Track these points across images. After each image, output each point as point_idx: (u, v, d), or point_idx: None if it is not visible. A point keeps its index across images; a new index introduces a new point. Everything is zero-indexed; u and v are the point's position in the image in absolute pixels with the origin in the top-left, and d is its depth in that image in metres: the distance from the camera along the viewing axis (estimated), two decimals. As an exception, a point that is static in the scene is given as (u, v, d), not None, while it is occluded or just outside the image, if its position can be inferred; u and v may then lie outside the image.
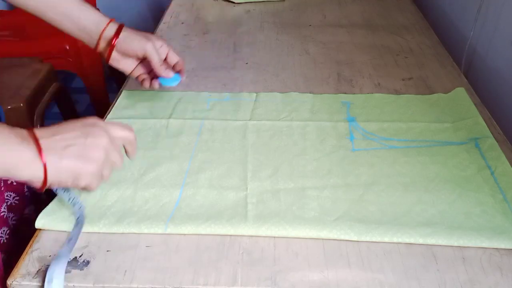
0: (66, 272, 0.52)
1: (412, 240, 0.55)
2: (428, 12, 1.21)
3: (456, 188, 0.62)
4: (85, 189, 0.53)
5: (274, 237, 0.57)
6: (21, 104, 1.16)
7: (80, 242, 0.56)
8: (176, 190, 0.63)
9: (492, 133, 0.73)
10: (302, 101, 0.82)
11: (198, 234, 0.57)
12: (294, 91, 0.86)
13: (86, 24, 0.72)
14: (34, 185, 0.50)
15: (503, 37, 0.86)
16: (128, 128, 0.57)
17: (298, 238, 0.57)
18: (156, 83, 0.76)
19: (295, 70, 0.94)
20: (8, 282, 0.52)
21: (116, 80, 2.00)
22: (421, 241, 0.55)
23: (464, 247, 0.55)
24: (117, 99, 0.85)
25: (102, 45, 0.73)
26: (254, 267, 0.53)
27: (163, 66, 0.75)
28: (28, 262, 0.54)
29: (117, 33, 0.72)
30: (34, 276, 0.52)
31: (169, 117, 0.78)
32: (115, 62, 0.75)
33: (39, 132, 0.50)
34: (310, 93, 0.85)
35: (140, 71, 0.77)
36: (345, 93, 0.84)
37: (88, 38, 0.73)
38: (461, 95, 0.81)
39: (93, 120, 0.54)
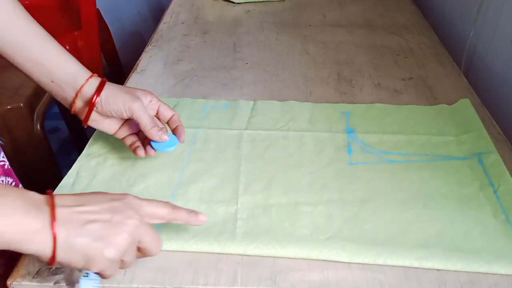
0: (66, 272, 0.52)
1: (407, 263, 0.52)
2: (428, 12, 1.21)
3: (456, 206, 0.60)
4: (98, 274, 0.46)
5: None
6: (21, 104, 1.16)
7: (80, 242, 0.56)
8: None
9: (492, 133, 0.73)
10: (301, 110, 0.79)
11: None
12: (294, 91, 0.86)
13: (61, 76, 0.60)
14: (41, 260, 0.43)
15: (503, 37, 0.86)
16: (167, 206, 0.50)
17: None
18: (151, 151, 0.64)
19: (295, 70, 0.94)
20: (8, 282, 0.52)
21: (116, 80, 2.00)
22: (416, 264, 0.52)
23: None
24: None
25: (79, 104, 0.62)
26: (254, 267, 0.53)
27: (155, 128, 0.62)
28: (28, 262, 0.54)
29: (98, 91, 0.60)
30: (34, 276, 0.52)
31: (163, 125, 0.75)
32: (93, 123, 0.64)
33: (59, 199, 0.44)
34: (309, 92, 0.85)
35: (126, 132, 0.66)
36: (345, 103, 0.82)
37: (61, 94, 0.61)
38: (466, 107, 0.78)
39: (125, 196, 0.47)
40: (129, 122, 0.66)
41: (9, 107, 1.14)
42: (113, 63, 1.96)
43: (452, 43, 1.05)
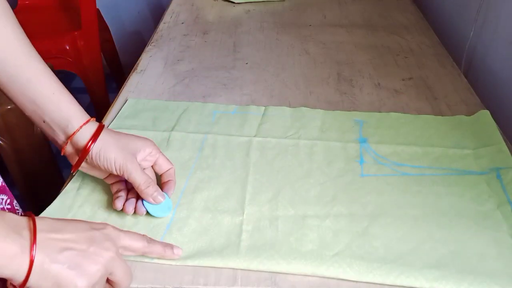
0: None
1: (417, 284, 0.50)
2: (428, 12, 1.21)
3: (471, 225, 0.56)
4: None
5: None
6: (21, 104, 1.16)
7: (80, 242, 0.56)
8: None
9: (492, 133, 0.73)
10: (312, 117, 0.76)
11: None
12: (294, 91, 0.86)
13: (54, 118, 0.56)
14: (13, 282, 0.42)
15: (503, 37, 0.86)
16: (143, 240, 0.50)
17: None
18: (141, 209, 0.58)
19: (295, 70, 0.94)
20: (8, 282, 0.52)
21: (116, 80, 2.00)
22: (427, 286, 0.49)
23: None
24: (116, 101, 0.84)
25: (69, 149, 0.58)
26: (254, 267, 0.53)
27: (150, 188, 0.57)
28: (28, 262, 0.54)
29: (91, 142, 0.56)
30: (34, 276, 0.52)
31: (172, 130, 0.74)
32: (83, 169, 0.60)
33: (39, 223, 0.43)
34: (309, 92, 0.85)
35: (115, 178, 0.61)
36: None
37: (52, 136, 0.57)
38: (485, 119, 0.74)
39: (104, 226, 0.47)
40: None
41: (9, 107, 1.14)
42: (113, 63, 1.96)
43: (452, 43, 1.05)
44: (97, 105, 1.75)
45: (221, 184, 0.64)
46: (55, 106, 0.55)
